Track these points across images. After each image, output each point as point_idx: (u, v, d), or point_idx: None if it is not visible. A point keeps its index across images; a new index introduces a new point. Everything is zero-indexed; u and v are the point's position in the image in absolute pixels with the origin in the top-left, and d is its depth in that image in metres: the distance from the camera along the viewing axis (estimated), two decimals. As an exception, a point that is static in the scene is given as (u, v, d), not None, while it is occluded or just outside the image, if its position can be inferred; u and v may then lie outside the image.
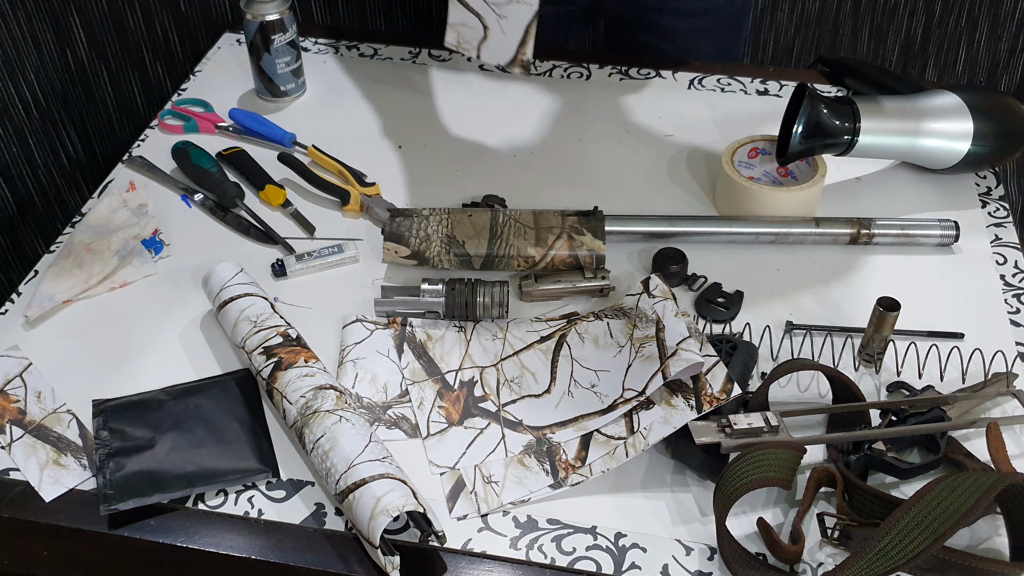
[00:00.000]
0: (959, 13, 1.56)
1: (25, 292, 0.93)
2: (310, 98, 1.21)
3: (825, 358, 0.87)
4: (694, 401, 0.77)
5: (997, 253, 0.99)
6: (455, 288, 0.89)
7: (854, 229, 0.98)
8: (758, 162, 1.06)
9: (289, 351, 0.82)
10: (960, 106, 1.01)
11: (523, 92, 1.21)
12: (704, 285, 0.94)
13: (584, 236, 0.93)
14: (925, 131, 1.01)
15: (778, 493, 0.76)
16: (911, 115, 1.01)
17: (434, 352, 0.87)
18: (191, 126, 1.15)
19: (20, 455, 0.79)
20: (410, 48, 1.30)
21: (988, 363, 0.84)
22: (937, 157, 1.03)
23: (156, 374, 0.85)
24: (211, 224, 1.03)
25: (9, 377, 0.85)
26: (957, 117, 1.01)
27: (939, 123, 1.01)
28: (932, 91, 1.04)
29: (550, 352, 0.87)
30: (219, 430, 0.80)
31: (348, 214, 1.03)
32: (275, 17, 1.14)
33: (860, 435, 0.77)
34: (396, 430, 0.81)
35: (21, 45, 1.64)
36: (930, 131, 1.01)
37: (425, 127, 1.16)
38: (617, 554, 0.72)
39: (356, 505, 0.70)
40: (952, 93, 1.02)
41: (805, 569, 0.71)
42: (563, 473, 0.77)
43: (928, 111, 1.01)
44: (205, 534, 0.74)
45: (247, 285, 0.88)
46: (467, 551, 0.73)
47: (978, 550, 0.73)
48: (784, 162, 1.01)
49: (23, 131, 1.69)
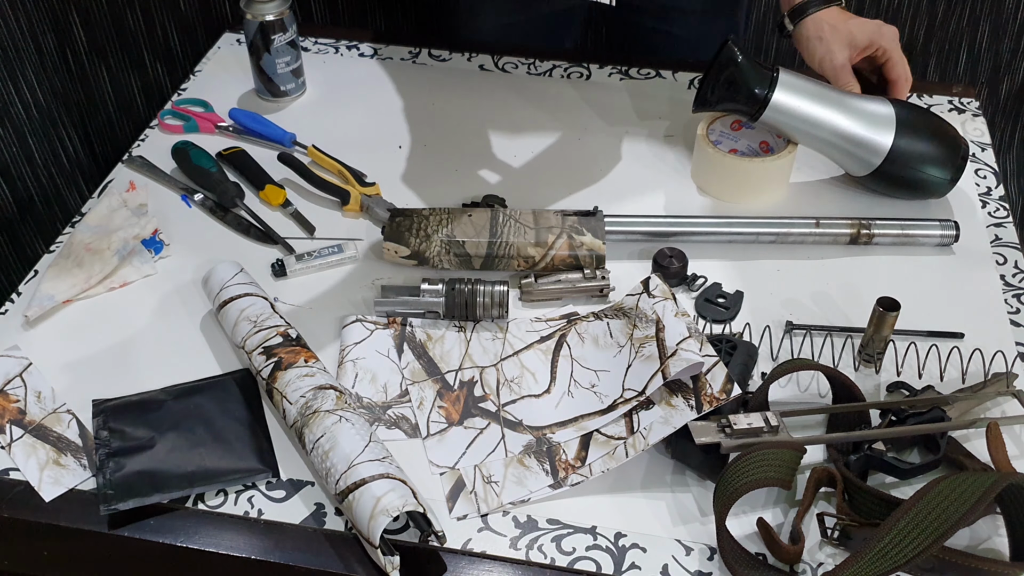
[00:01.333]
0: (961, 14, 1.56)
1: (25, 292, 0.93)
2: (310, 98, 1.21)
3: (825, 358, 0.87)
4: (694, 401, 0.77)
5: (997, 253, 0.99)
6: (455, 288, 0.89)
7: (854, 229, 0.98)
8: (741, 135, 1.07)
9: (289, 351, 0.82)
10: (889, 117, 0.99)
11: (523, 92, 1.21)
12: (704, 285, 0.94)
13: (584, 236, 0.93)
14: (841, 127, 0.99)
15: (778, 493, 0.76)
16: (834, 106, 0.99)
17: (434, 352, 0.87)
18: (191, 126, 1.15)
19: (20, 455, 0.79)
20: (410, 48, 1.30)
21: (988, 363, 0.84)
22: (850, 158, 1.01)
23: (156, 374, 0.85)
24: (211, 224, 1.03)
25: (9, 377, 0.85)
26: (880, 127, 0.99)
27: (860, 126, 0.99)
28: (872, 96, 1.03)
29: (550, 352, 0.87)
30: (219, 430, 0.80)
31: (348, 214, 1.03)
32: (275, 17, 1.14)
33: (860, 435, 0.77)
34: (396, 430, 0.81)
35: (21, 45, 1.64)
36: (846, 129, 0.99)
37: (425, 127, 1.16)
38: (617, 554, 0.72)
39: (356, 505, 0.70)
40: (889, 103, 1.01)
41: (805, 569, 0.71)
42: (563, 473, 0.77)
43: (854, 110, 0.99)
44: (205, 534, 0.74)
45: (247, 285, 0.88)
46: (467, 551, 0.73)
47: (978, 550, 0.73)
48: (696, 110, 1.01)
49: (23, 131, 1.69)
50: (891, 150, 0.99)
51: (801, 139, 1.02)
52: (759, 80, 0.98)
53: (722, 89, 0.99)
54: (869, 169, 1.01)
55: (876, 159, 1.00)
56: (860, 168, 1.02)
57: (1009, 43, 1.58)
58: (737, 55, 0.98)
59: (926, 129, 1.01)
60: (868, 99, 1.01)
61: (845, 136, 1.00)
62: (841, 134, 1.00)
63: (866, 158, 1.00)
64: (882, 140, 0.99)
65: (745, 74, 0.98)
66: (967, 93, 1.22)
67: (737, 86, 0.98)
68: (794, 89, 0.99)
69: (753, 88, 0.98)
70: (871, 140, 0.99)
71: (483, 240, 0.93)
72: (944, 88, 1.23)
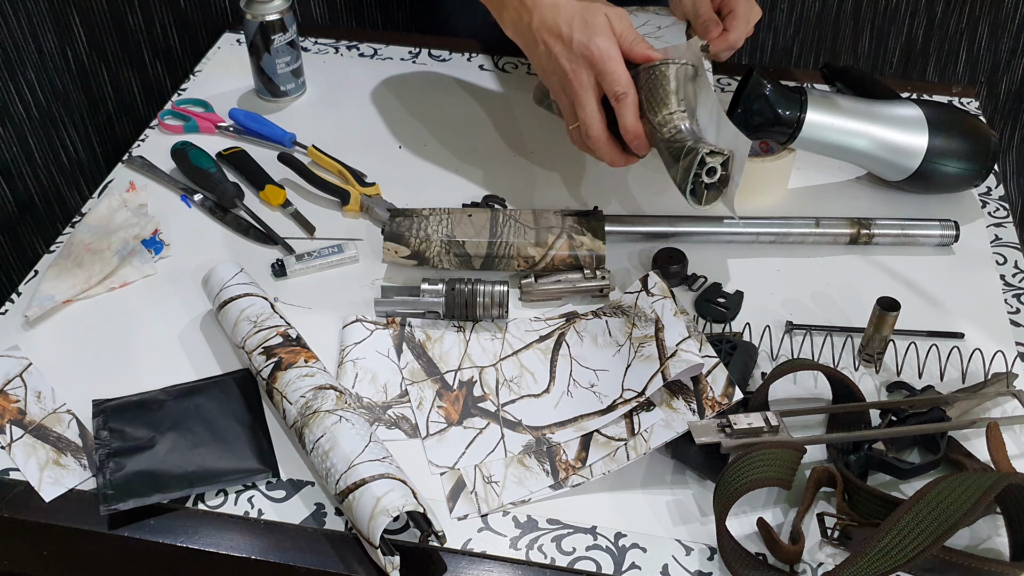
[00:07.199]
0: (960, 14, 1.56)
1: (25, 292, 0.93)
2: (310, 98, 1.22)
3: (825, 358, 0.87)
4: (695, 404, 0.77)
5: (997, 253, 0.99)
6: (455, 288, 0.89)
7: (854, 229, 0.98)
8: None
9: (289, 351, 0.82)
10: (919, 119, 0.99)
11: (523, 92, 1.21)
12: (704, 285, 0.94)
13: (584, 236, 0.93)
14: (876, 135, 0.99)
15: (778, 493, 0.76)
16: (865, 118, 0.99)
17: (433, 352, 0.87)
18: (191, 126, 1.15)
19: (20, 455, 0.79)
20: (410, 48, 1.30)
21: (988, 363, 0.84)
22: (887, 166, 1.01)
23: (156, 374, 0.85)
24: (211, 224, 1.03)
25: (9, 377, 0.85)
26: (912, 129, 0.99)
27: (893, 132, 0.99)
28: (898, 101, 1.03)
29: (549, 351, 0.87)
30: (219, 430, 0.80)
31: (348, 214, 1.03)
32: (275, 17, 1.14)
33: (860, 435, 0.77)
34: (396, 430, 0.81)
35: (21, 45, 1.64)
36: (880, 137, 0.99)
37: (425, 127, 1.16)
38: (617, 554, 0.72)
39: (356, 505, 0.70)
40: (916, 105, 1.01)
41: (805, 569, 0.71)
42: (563, 474, 0.77)
43: (884, 117, 0.99)
44: (205, 534, 0.74)
45: (247, 285, 0.88)
46: (467, 551, 0.73)
47: (978, 550, 0.73)
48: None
49: (23, 131, 1.69)
50: (927, 152, 0.99)
51: (836, 154, 1.02)
52: (789, 104, 0.97)
53: (753, 120, 0.97)
54: (907, 173, 1.01)
55: (913, 162, 1.00)
56: (897, 173, 1.02)
57: (1008, 42, 1.58)
58: (765, 85, 0.96)
59: (956, 125, 1.01)
60: (894, 104, 1.01)
61: (881, 144, 0.99)
62: (877, 142, 0.99)
63: (903, 163, 1.00)
64: (917, 143, 0.99)
65: (775, 102, 0.97)
66: (967, 93, 1.22)
67: (768, 115, 0.97)
68: (824, 106, 0.98)
69: (785, 112, 0.97)
70: (906, 144, 0.99)
71: (483, 240, 0.93)
72: (944, 88, 1.23)
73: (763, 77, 0.97)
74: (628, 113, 0.89)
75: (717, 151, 0.86)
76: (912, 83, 1.24)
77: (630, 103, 0.89)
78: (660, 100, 0.89)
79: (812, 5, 1.58)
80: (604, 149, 0.93)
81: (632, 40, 0.91)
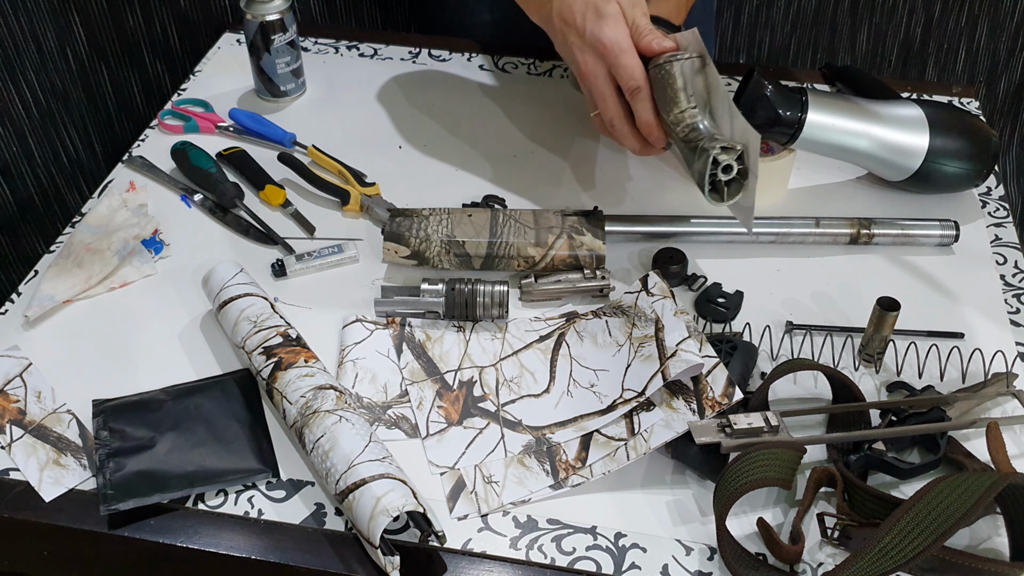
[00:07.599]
0: (959, 12, 1.56)
1: (25, 292, 0.93)
2: (310, 98, 1.21)
3: (825, 358, 0.87)
4: (695, 404, 0.77)
5: (997, 253, 0.99)
6: (455, 288, 0.89)
7: (854, 229, 0.98)
8: None
9: (289, 351, 0.82)
10: (920, 119, 0.99)
11: (524, 92, 1.21)
12: (704, 285, 0.94)
13: (584, 236, 0.93)
14: (877, 135, 0.99)
15: (778, 493, 0.76)
16: (866, 118, 0.99)
17: (433, 352, 0.87)
18: (191, 126, 1.15)
19: (20, 455, 0.79)
20: (410, 48, 1.30)
21: (988, 363, 0.84)
22: (888, 166, 1.01)
23: (156, 374, 0.85)
24: (211, 224, 1.03)
25: (9, 377, 0.85)
26: (913, 129, 0.99)
27: (894, 132, 0.99)
28: (898, 101, 1.02)
29: (549, 351, 0.87)
30: (219, 430, 0.80)
31: (348, 214, 1.03)
32: (275, 17, 1.14)
33: (860, 435, 0.77)
34: (396, 430, 0.81)
35: (21, 45, 1.64)
36: (881, 137, 0.99)
37: (425, 127, 1.16)
38: (617, 554, 0.72)
39: (356, 505, 0.70)
40: (916, 106, 1.00)
41: (805, 569, 0.71)
42: (563, 474, 0.77)
43: (884, 117, 0.99)
44: (205, 534, 0.74)
45: (247, 285, 0.88)
46: (467, 551, 0.73)
47: (978, 550, 0.73)
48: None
49: (23, 130, 1.69)
50: (928, 152, 0.99)
51: (837, 155, 1.01)
52: (790, 104, 0.97)
53: (754, 120, 0.95)
54: (907, 173, 1.01)
55: (914, 162, 1.00)
56: (897, 173, 1.02)
57: (1007, 42, 1.58)
58: (766, 86, 0.96)
59: (957, 125, 1.00)
60: (895, 104, 1.01)
61: (882, 144, 0.99)
62: (878, 142, 0.99)
63: (904, 163, 1.00)
64: (918, 143, 0.99)
65: (776, 103, 0.96)
66: (966, 93, 1.22)
67: (770, 115, 0.96)
68: (825, 107, 0.98)
69: (786, 113, 0.97)
70: (907, 144, 0.99)
71: (483, 240, 0.93)
72: (943, 88, 1.23)
73: (764, 77, 0.97)
74: (642, 108, 0.89)
75: (729, 147, 0.86)
76: (912, 83, 1.24)
77: (643, 98, 0.88)
78: (670, 99, 0.89)
79: (809, 2, 1.58)
80: (627, 139, 0.93)
81: (643, 30, 0.89)
